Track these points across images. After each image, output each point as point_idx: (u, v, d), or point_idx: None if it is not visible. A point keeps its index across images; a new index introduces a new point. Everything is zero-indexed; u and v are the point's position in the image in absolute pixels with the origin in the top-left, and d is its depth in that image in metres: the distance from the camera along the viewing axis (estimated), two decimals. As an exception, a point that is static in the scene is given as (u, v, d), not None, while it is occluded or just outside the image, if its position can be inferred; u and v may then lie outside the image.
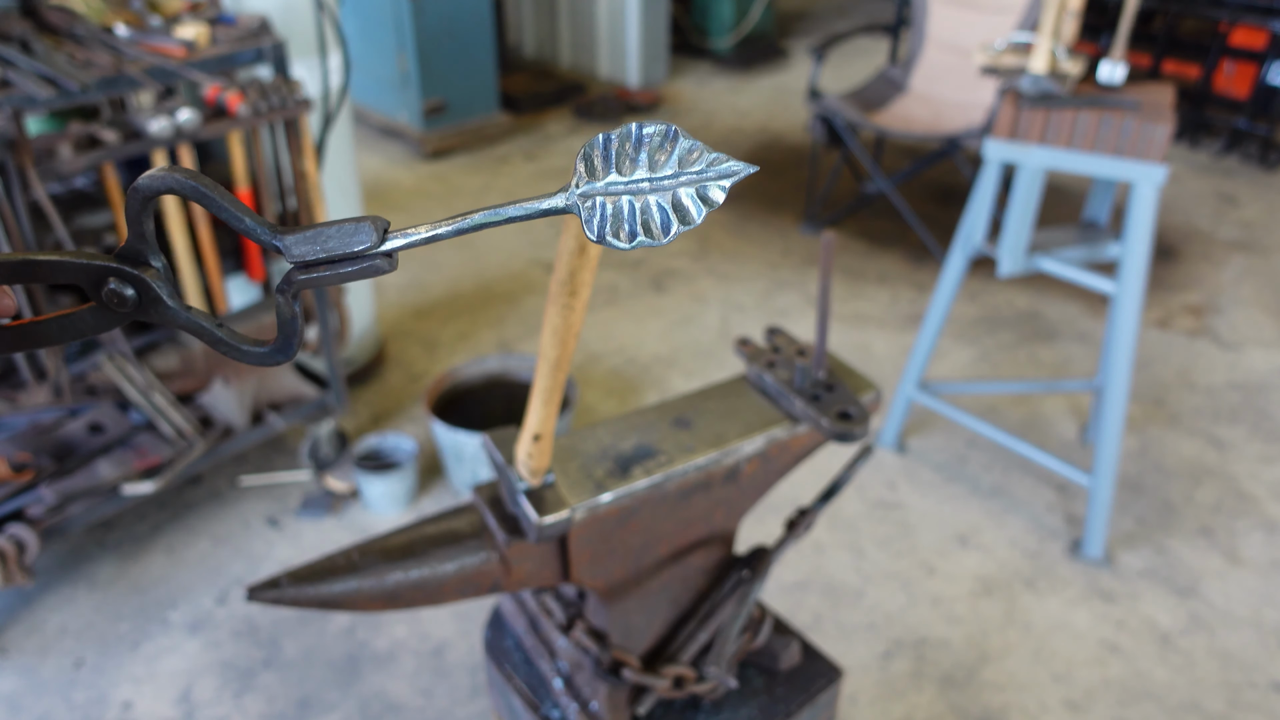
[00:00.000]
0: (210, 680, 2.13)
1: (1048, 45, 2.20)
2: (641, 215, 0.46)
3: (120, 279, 0.46)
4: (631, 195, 0.46)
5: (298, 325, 0.48)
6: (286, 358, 0.49)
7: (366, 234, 0.46)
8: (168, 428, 2.34)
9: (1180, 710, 2.09)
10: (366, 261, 0.46)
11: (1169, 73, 5.26)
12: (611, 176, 0.46)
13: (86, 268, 0.46)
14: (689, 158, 0.46)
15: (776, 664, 1.44)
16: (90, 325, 0.47)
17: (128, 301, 0.46)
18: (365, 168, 4.76)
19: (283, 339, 0.49)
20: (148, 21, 2.22)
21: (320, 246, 0.46)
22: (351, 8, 4.80)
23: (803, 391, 1.25)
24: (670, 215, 0.46)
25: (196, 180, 0.45)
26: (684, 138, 0.46)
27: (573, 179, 0.47)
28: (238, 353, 0.49)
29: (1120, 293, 2.27)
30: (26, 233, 1.90)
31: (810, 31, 7.22)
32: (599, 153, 0.46)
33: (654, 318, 3.56)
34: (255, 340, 0.49)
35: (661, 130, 0.46)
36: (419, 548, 1.15)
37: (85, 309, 0.47)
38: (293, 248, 0.46)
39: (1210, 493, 2.72)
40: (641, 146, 0.46)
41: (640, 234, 0.46)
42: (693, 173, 0.46)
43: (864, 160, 3.93)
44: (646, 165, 0.46)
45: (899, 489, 2.72)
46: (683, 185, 0.46)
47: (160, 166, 0.45)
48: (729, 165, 0.46)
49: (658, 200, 0.46)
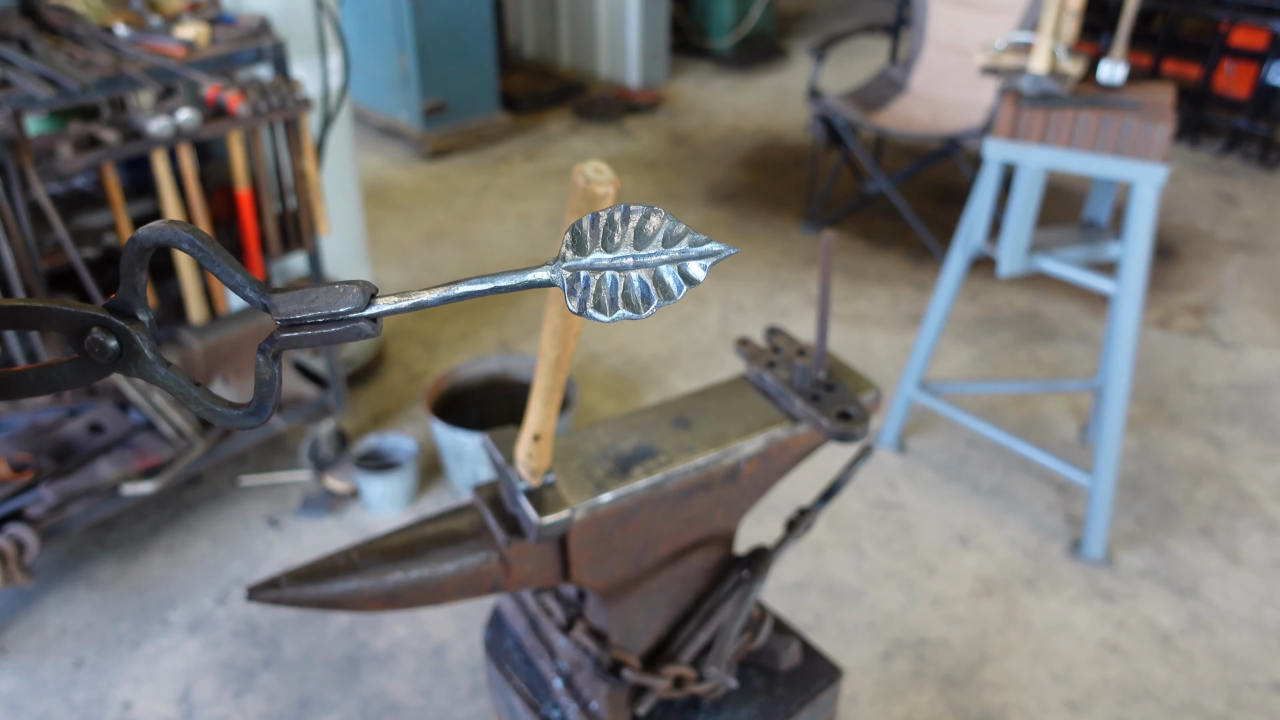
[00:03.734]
0: (210, 680, 2.13)
1: (1048, 45, 2.20)
2: (624, 290, 0.48)
3: (105, 330, 0.46)
4: (615, 271, 0.48)
5: (275, 387, 0.49)
6: (259, 421, 0.49)
7: (353, 297, 0.47)
8: (168, 427, 2.34)
9: (1180, 710, 2.09)
10: (350, 324, 0.47)
11: (1169, 73, 5.26)
12: (598, 253, 0.48)
13: (72, 315, 0.46)
14: (672, 236, 0.48)
15: (776, 664, 1.44)
16: (67, 378, 0.47)
17: (109, 352, 0.47)
18: (365, 168, 4.76)
19: (258, 401, 0.49)
20: (147, 21, 2.22)
21: (307, 306, 0.47)
22: (351, 8, 4.80)
23: (803, 391, 1.25)
24: (651, 290, 0.48)
25: (193, 234, 0.45)
26: (668, 219, 0.47)
27: (559, 252, 0.48)
28: (212, 414, 0.49)
29: (1120, 293, 2.27)
30: (26, 233, 1.90)
31: (810, 31, 7.22)
32: (587, 229, 0.48)
33: (654, 318, 3.56)
34: (229, 403, 0.49)
35: (646, 211, 0.47)
36: (419, 548, 1.15)
37: (64, 361, 0.47)
38: (280, 306, 0.47)
39: (1210, 493, 2.72)
40: (627, 225, 0.48)
41: (621, 308, 0.48)
42: (675, 251, 0.48)
43: (864, 160, 3.93)
44: (631, 242, 0.48)
45: (899, 489, 2.72)
46: (664, 263, 0.48)
47: (162, 220, 0.46)
48: (709, 246, 0.47)
49: (639, 276, 0.48)
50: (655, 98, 5.67)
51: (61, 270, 2.11)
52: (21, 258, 1.91)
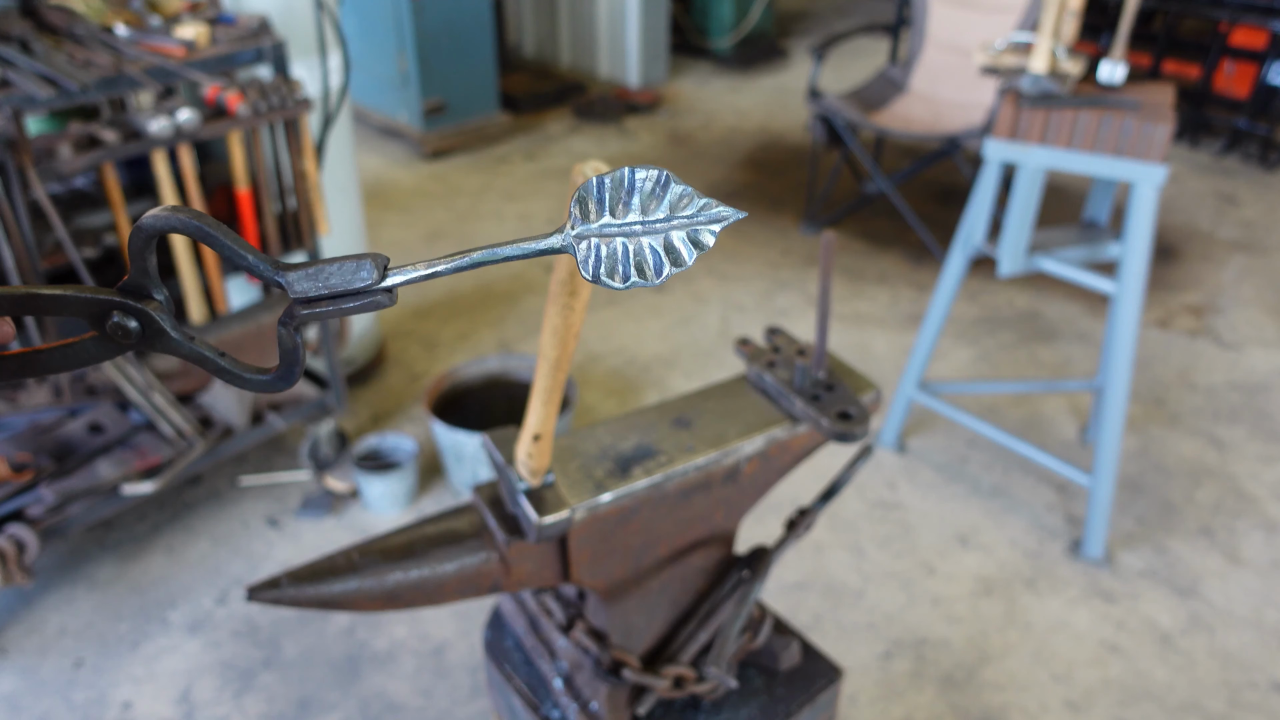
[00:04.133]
0: (210, 680, 2.13)
1: (1048, 45, 2.20)
2: (635, 257, 0.48)
3: (124, 312, 0.47)
4: (625, 238, 0.47)
5: (300, 354, 0.50)
6: (289, 385, 0.51)
7: (368, 271, 0.47)
8: (168, 428, 2.34)
9: (1180, 710, 2.09)
10: (368, 297, 0.48)
11: (1169, 73, 5.26)
12: (606, 219, 0.47)
13: (90, 301, 0.47)
14: (680, 203, 0.47)
15: (776, 664, 1.44)
16: (92, 354, 0.48)
17: (132, 334, 0.47)
18: (365, 168, 4.76)
19: (285, 367, 0.50)
20: (148, 21, 2.22)
21: (322, 283, 0.47)
22: (351, 8, 4.80)
23: (803, 391, 1.25)
24: (663, 257, 0.47)
25: (200, 220, 0.46)
26: (675, 183, 0.47)
27: (567, 220, 0.48)
28: (241, 381, 0.50)
29: (1120, 293, 2.27)
30: (26, 233, 1.90)
31: (810, 31, 7.22)
32: (593, 196, 0.47)
33: (654, 318, 3.56)
34: (257, 369, 0.51)
35: (654, 175, 0.47)
36: (419, 548, 1.15)
37: (88, 339, 0.48)
38: (295, 284, 0.47)
39: (1210, 493, 2.72)
40: (634, 191, 0.47)
41: (634, 275, 0.48)
42: (684, 217, 0.47)
43: (864, 160, 3.93)
44: (639, 209, 0.47)
45: (899, 489, 2.72)
46: (674, 229, 0.47)
47: (165, 206, 0.46)
48: (719, 210, 0.47)
49: (650, 243, 0.47)
50: (655, 98, 5.67)
51: (62, 270, 2.11)
52: (22, 258, 1.91)
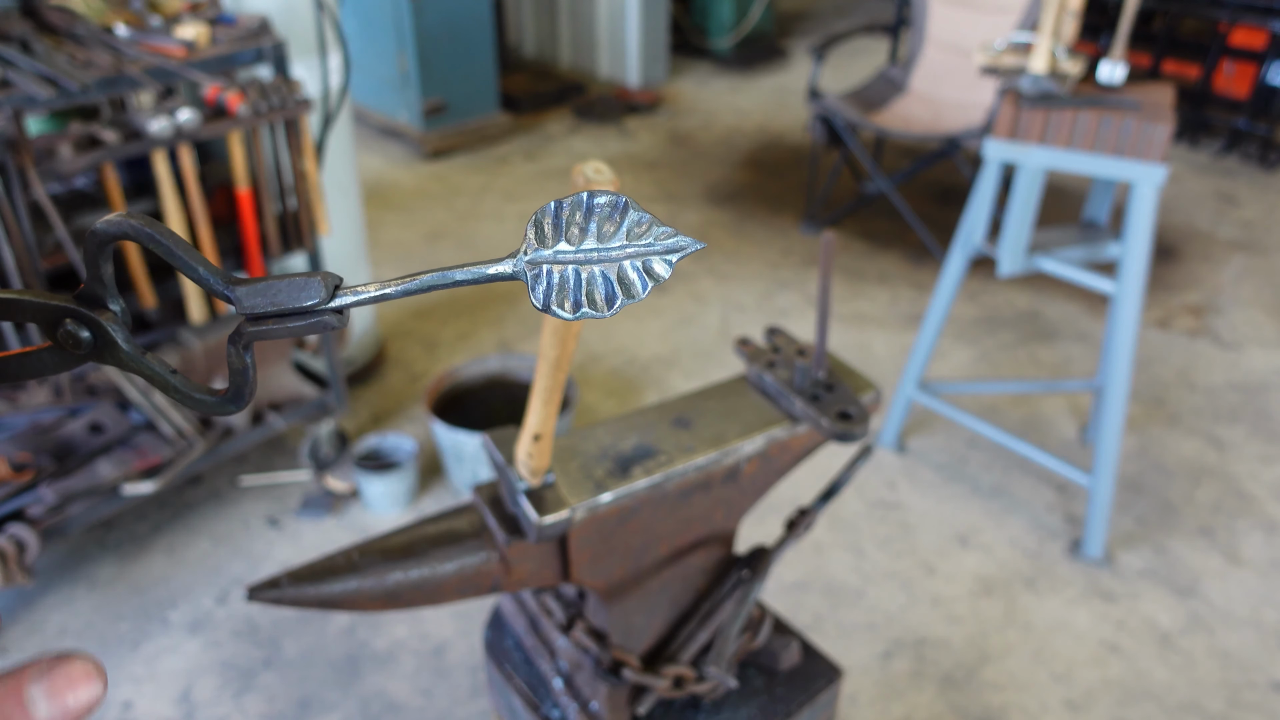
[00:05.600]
0: (210, 680, 2.13)
1: (1048, 45, 2.20)
2: (587, 286, 0.46)
3: (76, 320, 0.46)
4: (578, 265, 0.46)
5: (250, 375, 0.48)
6: (238, 408, 0.49)
7: (315, 290, 0.46)
8: (168, 427, 2.34)
9: (1180, 710, 2.09)
10: (315, 317, 0.46)
11: (1169, 73, 5.26)
12: (561, 245, 0.46)
13: (43, 307, 0.45)
14: (637, 230, 0.45)
15: (776, 664, 1.44)
16: (49, 365, 0.47)
17: (83, 344, 0.46)
18: (365, 168, 4.76)
19: (234, 389, 0.49)
20: (148, 21, 2.22)
21: (270, 300, 0.46)
22: (351, 8, 4.80)
23: (803, 391, 1.25)
24: (615, 288, 0.46)
25: (152, 228, 0.45)
26: (634, 209, 0.45)
27: (522, 245, 0.46)
28: (190, 401, 0.49)
29: (1120, 293, 2.27)
30: (26, 233, 1.90)
31: (810, 31, 7.22)
32: (549, 220, 0.46)
33: (654, 318, 3.56)
34: (208, 389, 0.49)
35: (612, 200, 0.45)
36: (419, 548, 1.15)
37: (44, 349, 0.47)
38: (244, 300, 0.46)
39: (1210, 493, 2.72)
40: (591, 216, 0.46)
41: (585, 305, 0.46)
42: (640, 245, 0.46)
43: (864, 160, 3.93)
44: (595, 235, 0.46)
45: (899, 489, 2.72)
46: (629, 257, 0.46)
47: (117, 213, 0.45)
48: (676, 240, 0.45)
49: (603, 272, 0.46)
50: (655, 98, 5.67)
51: (61, 270, 2.11)
52: (22, 258, 1.91)
